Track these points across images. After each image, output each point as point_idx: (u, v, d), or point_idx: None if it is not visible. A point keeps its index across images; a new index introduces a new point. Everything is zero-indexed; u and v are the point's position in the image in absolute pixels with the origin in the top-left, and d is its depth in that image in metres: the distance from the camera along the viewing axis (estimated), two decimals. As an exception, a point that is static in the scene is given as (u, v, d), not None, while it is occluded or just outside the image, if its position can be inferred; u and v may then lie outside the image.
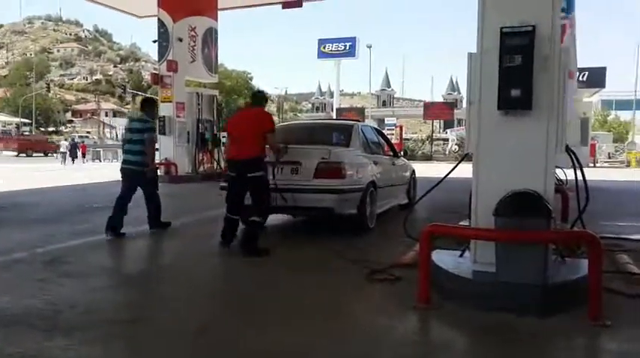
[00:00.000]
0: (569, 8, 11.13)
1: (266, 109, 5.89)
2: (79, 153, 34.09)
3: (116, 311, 3.64)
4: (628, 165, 27.48)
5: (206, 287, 4.46)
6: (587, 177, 4.13)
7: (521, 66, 3.55)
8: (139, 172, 6.47)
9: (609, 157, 30.19)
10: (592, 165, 24.11)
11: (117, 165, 7.16)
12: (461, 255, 4.17)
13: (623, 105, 53.97)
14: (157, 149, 6.89)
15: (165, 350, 3.00)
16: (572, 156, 4.02)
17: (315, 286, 4.34)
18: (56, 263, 4.96)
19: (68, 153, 31.38)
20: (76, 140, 36.81)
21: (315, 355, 2.89)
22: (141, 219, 6.72)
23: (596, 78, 25.94)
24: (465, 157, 4.72)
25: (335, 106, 43.23)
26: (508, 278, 3.48)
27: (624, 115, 59.77)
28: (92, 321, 3.36)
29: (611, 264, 4.73)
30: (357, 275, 4.51)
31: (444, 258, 4.10)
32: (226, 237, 5.73)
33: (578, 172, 4.05)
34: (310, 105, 69.31)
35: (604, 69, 27.08)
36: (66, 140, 37.25)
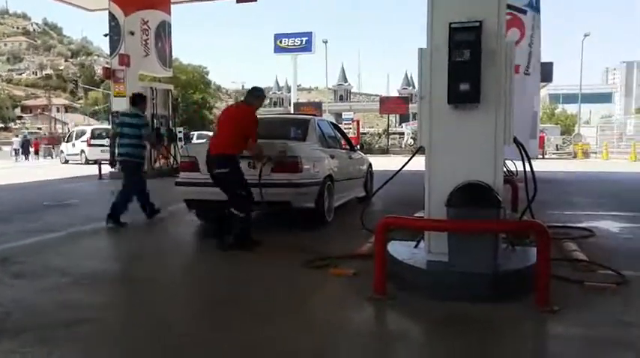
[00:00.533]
0: (537, 5, 11.47)
1: (256, 110, 5.73)
2: (32, 150, 33.02)
3: (66, 311, 3.54)
4: (575, 157, 28.50)
5: (164, 284, 4.40)
6: (536, 169, 4.28)
7: (469, 60, 3.64)
8: (139, 164, 7.11)
9: (557, 149, 31.20)
10: (541, 156, 24.86)
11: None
12: (416, 246, 4.26)
13: (570, 98, 55.87)
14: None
15: (117, 352, 2.96)
16: (521, 149, 4.16)
17: (272, 279, 4.36)
18: (7, 263, 4.81)
19: (20, 149, 30.35)
20: (27, 136, 35.44)
21: (271, 348, 2.91)
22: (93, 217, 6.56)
23: (544, 72, 26.65)
24: (419, 151, 4.83)
25: (292, 101, 43.10)
26: (460, 268, 3.58)
27: (571, 109, 62.04)
28: (41, 323, 3.28)
29: (559, 251, 4.92)
30: (314, 268, 4.54)
31: (399, 249, 4.17)
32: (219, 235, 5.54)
33: (527, 164, 4.20)
34: (268, 100, 68.93)
35: (551, 64, 27.92)
36: (17, 136, 35.84)
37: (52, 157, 33.62)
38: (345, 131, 10.38)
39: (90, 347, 2.96)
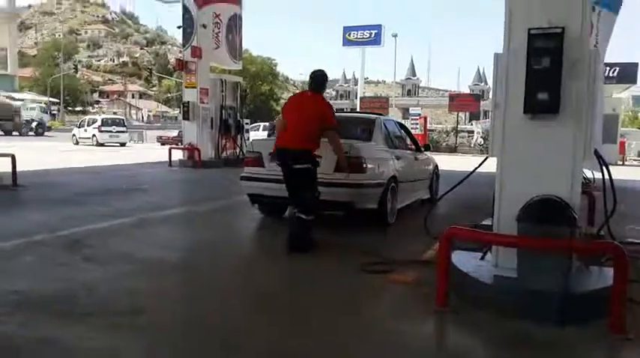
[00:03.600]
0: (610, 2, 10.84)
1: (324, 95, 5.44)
2: None
3: (130, 299, 3.65)
4: (659, 164, 26.76)
5: (225, 281, 4.48)
6: (614, 176, 4.02)
7: (549, 69, 3.45)
8: None
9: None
10: (621, 163, 23.54)
11: (144, 147, 7.20)
12: (482, 258, 4.11)
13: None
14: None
15: (179, 342, 3.02)
16: (600, 160, 3.93)
17: (329, 281, 4.33)
18: (78, 246, 5.03)
19: None
20: None
21: (325, 354, 2.88)
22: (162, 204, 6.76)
23: (627, 73, 25.18)
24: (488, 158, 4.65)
25: (359, 94, 42.91)
26: (529, 286, 3.41)
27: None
28: (107, 309, 3.41)
29: (637, 272, 4.61)
30: (373, 273, 4.47)
31: (464, 260, 4.03)
32: (291, 235, 5.19)
33: (606, 176, 3.95)
34: (334, 93, 69.01)
35: (636, 64, 26.31)
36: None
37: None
38: (412, 127, 10.15)
39: (151, 337, 3.04)
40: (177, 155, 15.89)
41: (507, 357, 3.03)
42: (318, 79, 5.43)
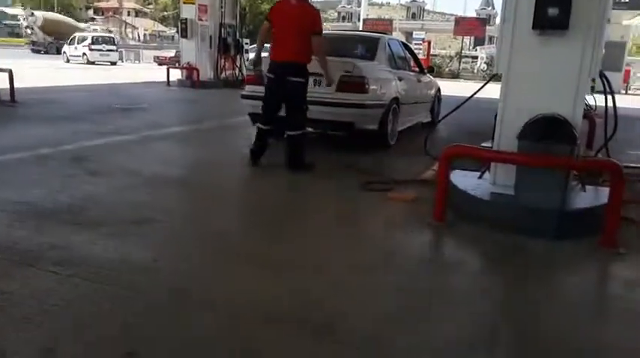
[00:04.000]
0: None
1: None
2: None
3: (135, 210, 3.72)
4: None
5: (226, 194, 4.57)
6: (617, 104, 4.01)
7: (561, -18, 3.35)
8: None
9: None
10: (624, 91, 23.27)
11: (141, 67, 7.11)
12: (479, 177, 4.18)
13: (666, 29, 51.13)
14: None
15: (183, 248, 3.14)
16: (605, 83, 3.90)
17: (329, 198, 4.43)
18: (83, 161, 5.09)
19: None
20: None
21: (328, 264, 2.99)
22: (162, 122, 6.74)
23: (636, -1, 24.35)
24: (493, 77, 4.61)
25: (362, 16, 41.68)
26: (526, 202, 3.49)
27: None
28: (113, 219, 3.50)
29: (634, 194, 4.69)
30: (373, 191, 4.56)
31: (462, 179, 4.11)
32: (255, 153, 5.32)
33: (609, 99, 3.94)
34: (336, 14, 66.91)
35: (648, -11, 25.37)
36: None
37: (123, 61, 34.67)
38: (415, 52, 9.93)
39: (155, 244, 3.15)
40: (176, 75, 15.65)
41: (500, 266, 3.15)
42: None
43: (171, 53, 31.43)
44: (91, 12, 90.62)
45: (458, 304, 2.57)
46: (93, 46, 27.73)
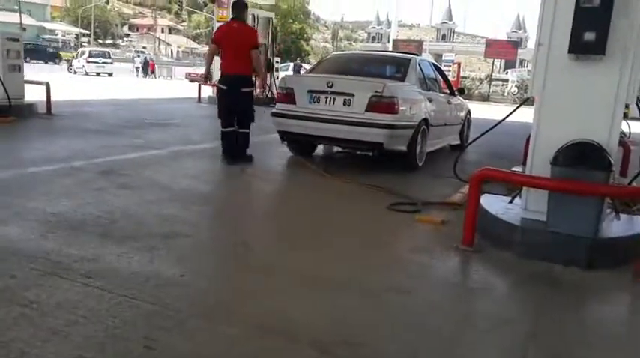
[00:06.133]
0: None
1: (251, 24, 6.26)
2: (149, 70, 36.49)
3: (164, 224, 3.76)
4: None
5: (254, 211, 4.59)
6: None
7: (598, 7, 3.29)
8: None
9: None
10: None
11: (174, 82, 7.25)
12: (510, 202, 4.10)
13: None
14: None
15: (211, 263, 3.16)
16: (641, 108, 3.81)
17: (356, 217, 4.40)
18: (113, 174, 5.18)
19: (141, 67, 35.51)
20: (147, 57, 39.83)
21: (352, 284, 2.96)
22: (193, 138, 6.84)
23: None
24: (526, 101, 4.55)
25: (392, 37, 41.87)
26: (558, 229, 3.41)
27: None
28: (143, 232, 3.53)
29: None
30: (400, 212, 4.52)
31: (492, 203, 4.04)
32: (227, 152, 6.27)
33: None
34: (366, 35, 67.30)
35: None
36: (138, 56, 40.40)
37: (156, 77, 35.87)
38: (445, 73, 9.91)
39: (182, 258, 3.16)
40: (207, 92, 15.90)
41: (529, 293, 3.07)
42: (239, 6, 6.35)
43: (203, 70, 32.12)
44: (126, 28, 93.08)
45: (486, 331, 2.51)
46: (90, 59, 31.70)
